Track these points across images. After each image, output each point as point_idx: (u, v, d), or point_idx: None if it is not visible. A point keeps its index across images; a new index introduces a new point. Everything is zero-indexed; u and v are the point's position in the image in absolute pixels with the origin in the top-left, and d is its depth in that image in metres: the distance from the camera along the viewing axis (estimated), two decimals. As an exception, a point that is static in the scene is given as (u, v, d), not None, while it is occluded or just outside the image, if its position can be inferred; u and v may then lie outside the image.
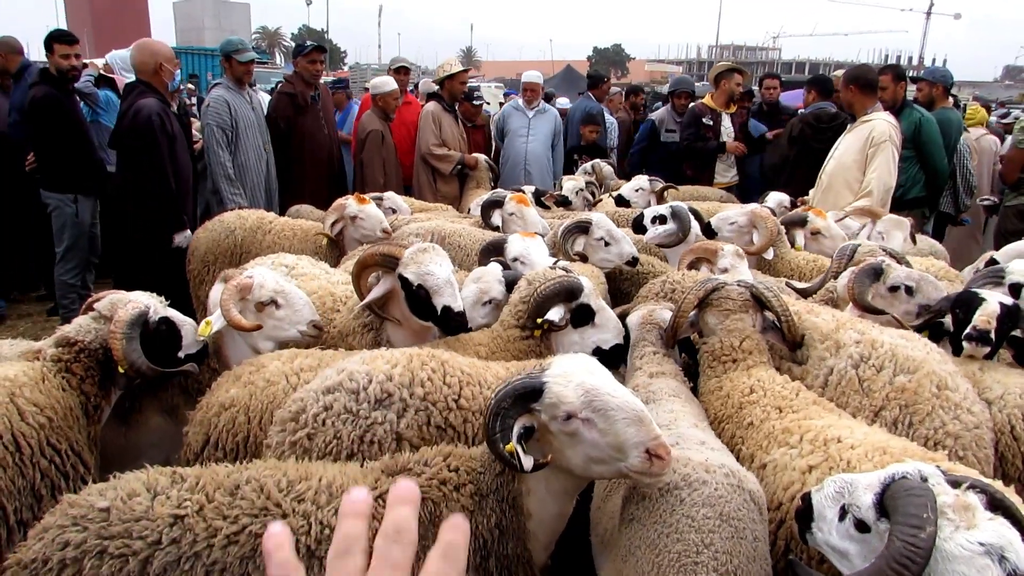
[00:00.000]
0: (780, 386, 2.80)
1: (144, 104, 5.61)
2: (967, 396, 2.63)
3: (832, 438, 2.38)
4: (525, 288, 3.32)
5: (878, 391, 2.71)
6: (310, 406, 2.47)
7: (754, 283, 3.11)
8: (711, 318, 3.10)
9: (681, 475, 2.07)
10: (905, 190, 6.82)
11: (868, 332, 2.94)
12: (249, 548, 1.86)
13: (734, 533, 1.95)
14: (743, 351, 2.98)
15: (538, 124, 8.84)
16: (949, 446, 2.49)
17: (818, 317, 3.12)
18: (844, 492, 1.89)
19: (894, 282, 3.51)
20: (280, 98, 7.62)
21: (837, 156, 6.28)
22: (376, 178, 7.87)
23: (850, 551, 1.87)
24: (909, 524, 1.61)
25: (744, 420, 2.71)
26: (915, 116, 6.69)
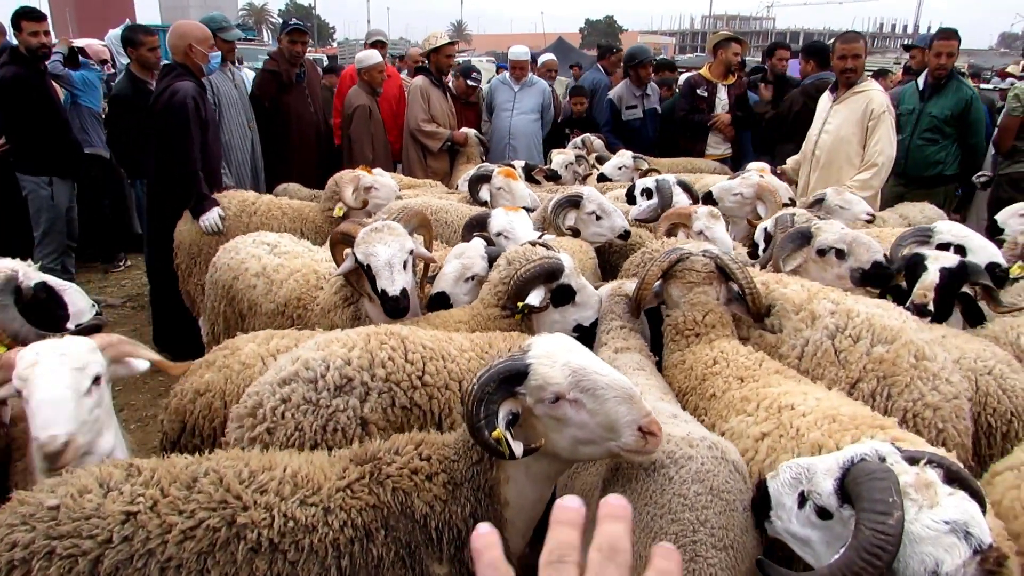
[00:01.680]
0: (743, 357, 2.78)
1: (180, 87, 5.37)
2: (945, 366, 2.60)
3: (786, 405, 2.39)
4: (505, 268, 3.26)
5: (855, 362, 2.66)
6: (267, 400, 2.38)
7: (719, 253, 3.04)
8: (675, 290, 3.04)
9: (665, 452, 2.03)
10: (944, 167, 6.78)
11: (843, 301, 2.88)
12: (207, 543, 1.78)
13: (726, 507, 1.95)
14: (706, 325, 2.95)
15: (524, 98, 8.67)
16: (928, 417, 2.46)
17: (787, 288, 3.05)
18: (801, 478, 1.87)
19: (822, 245, 3.43)
20: (264, 76, 7.47)
21: (832, 130, 6.12)
22: (365, 153, 7.75)
23: (812, 538, 1.85)
24: (876, 511, 1.58)
25: (707, 392, 2.71)
26: (966, 92, 6.61)
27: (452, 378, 2.60)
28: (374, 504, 1.95)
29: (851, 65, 5.98)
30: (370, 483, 1.99)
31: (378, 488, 1.98)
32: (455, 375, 2.61)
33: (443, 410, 2.55)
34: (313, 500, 1.91)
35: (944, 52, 6.60)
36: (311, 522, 1.88)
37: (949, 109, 6.63)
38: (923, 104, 6.83)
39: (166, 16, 37.04)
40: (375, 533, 1.92)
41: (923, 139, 6.81)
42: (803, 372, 2.75)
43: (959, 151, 6.79)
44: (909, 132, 6.89)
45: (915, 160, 6.89)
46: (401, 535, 1.95)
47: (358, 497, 1.95)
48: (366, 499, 1.96)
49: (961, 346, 2.90)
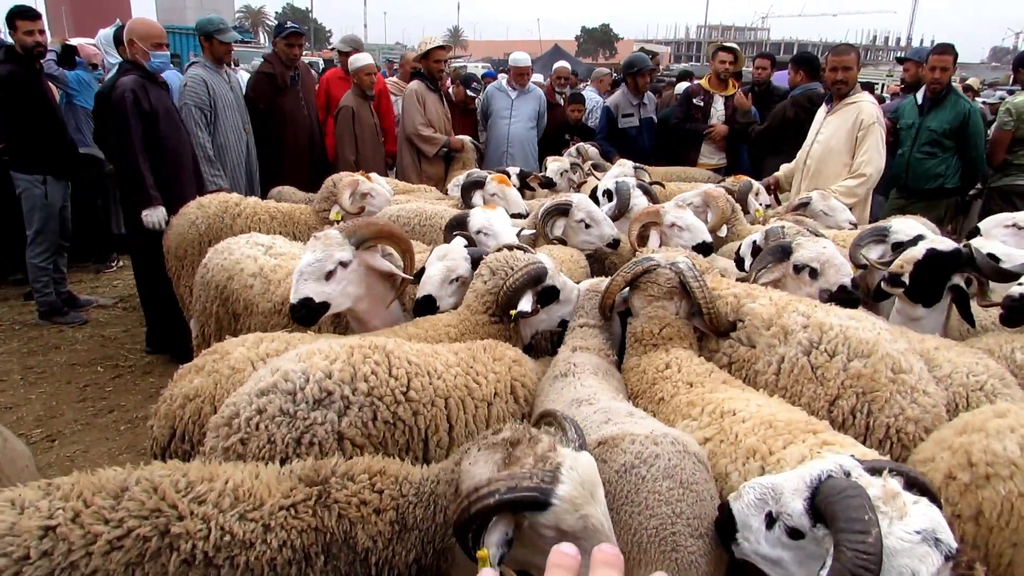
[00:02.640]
0: (696, 364, 2.84)
1: (120, 82, 5.50)
2: (921, 376, 2.61)
3: (728, 411, 2.44)
4: (490, 278, 3.30)
5: (832, 379, 2.65)
6: (243, 410, 2.33)
7: (683, 268, 3.05)
8: (637, 301, 3.12)
9: (634, 453, 2.07)
10: (945, 179, 6.85)
11: (814, 314, 2.87)
12: (136, 553, 1.69)
13: (696, 498, 2.02)
14: (662, 338, 3.02)
15: (521, 105, 8.71)
16: (911, 432, 2.47)
17: (755, 302, 3.05)
18: (767, 499, 1.87)
19: (797, 262, 3.47)
20: (259, 78, 7.47)
21: (823, 140, 6.21)
22: (347, 156, 7.81)
23: (784, 559, 1.84)
24: (854, 530, 1.58)
25: (656, 395, 2.77)
26: (964, 106, 6.70)
27: (438, 395, 2.57)
28: (316, 527, 1.88)
29: (842, 77, 6.06)
30: (315, 505, 1.91)
31: (323, 512, 1.91)
32: (441, 392, 2.58)
33: (429, 426, 2.52)
34: (253, 515, 1.84)
35: (939, 67, 6.68)
36: (249, 538, 1.80)
37: (948, 123, 6.72)
38: (922, 118, 6.91)
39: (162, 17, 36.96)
40: (315, 558, 1.85)
41: (922, 153, 6.89)
42: (781, 389, 2.75)
43: (959, 164, 6.86)
44: (909, 146, 6.97)
45: (915, 173, 6.97)
46: (341, 565, 1.89)
47: (300, 518, 1.88)
48: (308, 521, 1.88)
49: (953, 360, 2.90)
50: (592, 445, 2.17)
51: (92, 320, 7.40)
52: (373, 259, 3.43)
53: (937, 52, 6.79)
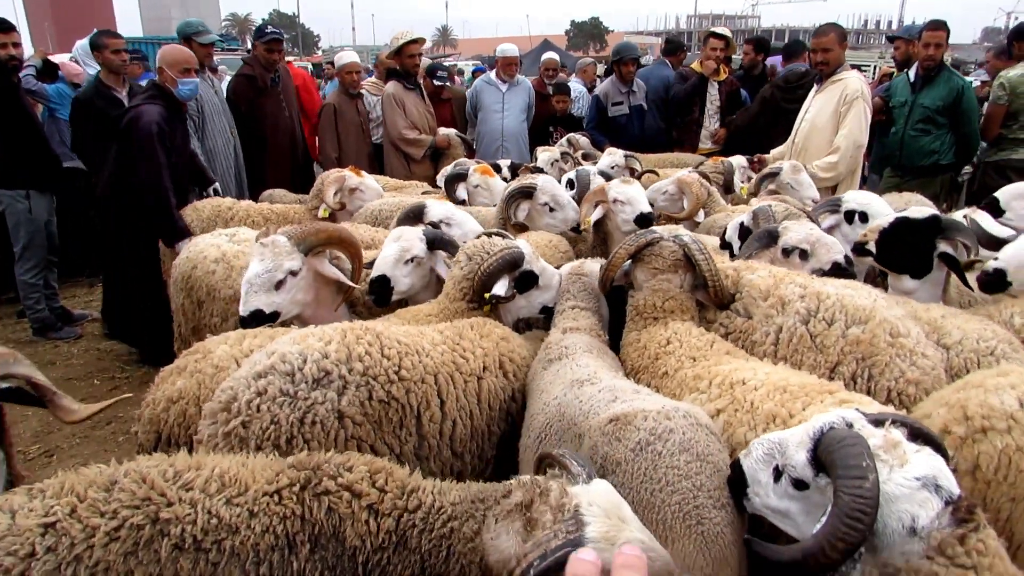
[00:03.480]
0: (696, 338, 2.84)
1: (145, 111, 5.38)
2: (919, 340, 2.61)
3: (737, 381, 2.44)
4: (467, 264, 3.28)
5: (832, 346, 2.65)
6: (241, 393, 2.31)
7: (688, 241, 3.06)
8: (640, 274, 3.10)
9: (647, 430, 2.06)
10: (940, 156, 6.84)
11: (810, 284, 2.89)
12: (131, 543, 1.69)
13: (714, 469, 2.01)
14: (664, 311, 3.01)
15: (512, 98, 8.69)
16: (912, 394, 2.46)
17: (754, 274, 3.06)
18: (774, 453, 1.90)
19: (786, 245, 3.44)
20: (239, 80, 7.47)
21: (810, 118, 6.28)
22: (329, 153, 7.87)
23: (791, 510, 1.88)
24: (851, 476, 1.61)
25: (659, 370, 2.76)
26: (957, 82, 6.68)
27: (428, 372, 2.60)
28: (302, 515, 1.85)
29: (822, 58, 6.17)
30: (301, 492, 1.89)
31: (313, 501, 1.88)
32: (430, 369, 2.61)
33: (421, 403, 2.54)
34: (239, 500, 1.83)
35: (932, 43, 6.66)
36: (235, 522, 1.80)
37: (941, 99, 6.70)
38: (915, 96, 6.90)
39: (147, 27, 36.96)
40: (299, 546, 1.83)
41: (916, 130, 6.88)
42: (780, 359, 2.75)
43: (953, 140, 6.84)
44: (903, 124, 6.97)
45: (910, 151, 6.96)
46: (329, 557, 1.85)
47: (284, 504, 1.86)
48: (292, 508, 1.86)
49: (962, 326, 2.89)
50: (603, 424, 2.16)
51: (87, 334, 7.37)
52: (322, 265, 3.40)
53: (930, 28, 6.77)
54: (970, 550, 1.55)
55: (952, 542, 1.55)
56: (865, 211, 4.10)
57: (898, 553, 1.59)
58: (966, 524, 1.56)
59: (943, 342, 2.84)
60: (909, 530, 1.58)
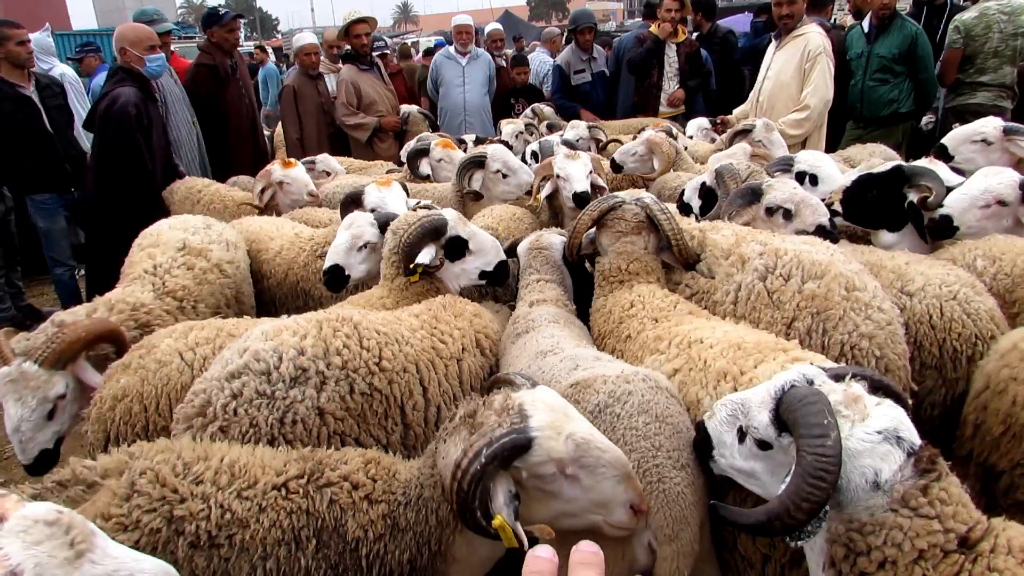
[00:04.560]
0: (659, 299, 2.86)
1: (119, 93, 5.29)
2: (876, 294, 2.61)
3: (695, 340, 2.46)
4: (392, 239, 3.25)
5: (788, 301, 2.66)
6: (215, 397, 2.23)
7: (650, 203, 3.06)
8: (605, 239, 3.11)
9: (607, 392, 2.09)
10: (899, 104, 6.87)
11: (770, 242, 2.89)
12: (150, 550, 1.67)
13: (673, 431, 2.04)
14: (630, 273, 3.03)
15: (472, 72, 8.59)
16: (865, 347, 2.47)
17: (718, 234, 3.07)
18: (737, 414, 1.91)
19: (770, 203, 3.41)
20: (199, 70, 7.23)
21: (772, 75, 6.25)
22: (290, 134, 7.84)
23: (756, 470, 1.89)
24: (813, 435, 1.61)
25: (623, 333, 2.79)
26: (910, 28, 6.69)
27: (409, 360, 2.55)
28: (307, 510, 1.85)
29: (787, 11, 6.11)
30: (307, 486, 1.89)
31: (316, 494, 1.88)
32: (411, 357, 2.56)
33: (404, 393, 2.49)
34: (248, 494, 1.83)
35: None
36: (246, 517, 1.80)
37: (896, 48, 6.73)
38: (870, 46, 6.92)
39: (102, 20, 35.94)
40: (305, 542, 1.83)
41: (875, 80, 6.91)
42: (740, 317, 2.76)
43: (912, 88, 6.87)
44: (861, 75, 6.98)
45: (869, 101, 6.99)
46: (332, 554, 1.86)
47: (291, 499, 1.85)
48: (299, 503, 1.86)
49: (925, 272, 2.92)
50: (564, 389, 2.17)
51: (57, 331, 7.21)
52: (84, 373, 2.94)
53: None
54: (933, 500, 1.57)
55: (915, 493, 1.57)
56: (815, 173, 4.12)
57: (863, 508, 1.61)
58: (928, 474, 1.58)
59: (907, 289, 2.87)
60: (873, 484, 1.60)
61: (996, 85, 6.86)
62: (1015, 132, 4.28)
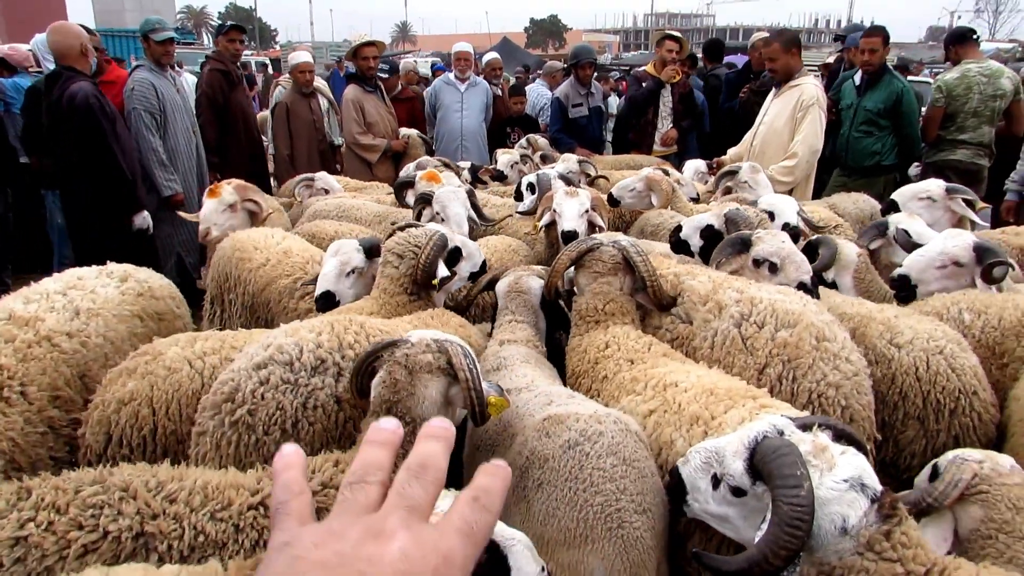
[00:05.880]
0: (633, 341, 2.95)
1: (79, 88, 5.42)
2: (844, 345, 2.72)
3: (670, 383, 2.56)
4: (400, 262, 3.41)
5: (761, 348, 2.76)
6: (244, 384, 2.45)
7: (626, 245, 3.17)
8: (582, 279, 3.22)
9: (578, 431, 2.15)
10: (882, 157, 7.07)
11: (746, 290, 3.00)
12: (111, 557, 1.73)
13: (639, 475, 2.10)
14: (606, 313, 3.11)
15: (471, 98, 8.74)
16: (832, 396, 2.58)
17: (695, 280, 3.18)
18: (711, 462, 2.00)
19: (757, 255, 3.48)
20: (213, 75, 7.41)
21: (768, 121, 6.44)
22: (281, 151, 8.04)
23: (730, 515, 1.98)
24: (788, 486, 1.71)
25: (599, 374, 2.88)
26: (897, 86, 6.89)
27: None
28: None
29: (769, 67, 6.47)
30: None
31: None
32: None
33: None
34: (223, 515, 1.89)
35: (868, 48, 6.91)
36: (221, 538, 1.85)
37: (882, 102, 6.94)
38: (859, 99, 7.15)
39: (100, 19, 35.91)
40: None
41: (860, 132, 7.12)
42: (715, 362, 2.85)
43: (895, 142, 7.08)
44: (848, 126, 7.21)
45: (854, 152, 7.20)
46: None
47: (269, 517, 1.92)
48: None
49: (914, 326, 3.04)
50: (537, 422, 2.26)
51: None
52: None
53: (866, 34, 7.04)
54: (895, 544, 1.69)
55: (879, 538, 1.69)
56: (771, 211, 4.32)
57: (832, 552, 1.72)
58: (890, 520, 1.70)
59: (896, 341, 2.99)
60: (841, 530, 1.72)
61: (975, 144, 7.09)
62: (956, 191, 4.56)
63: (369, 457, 0.70)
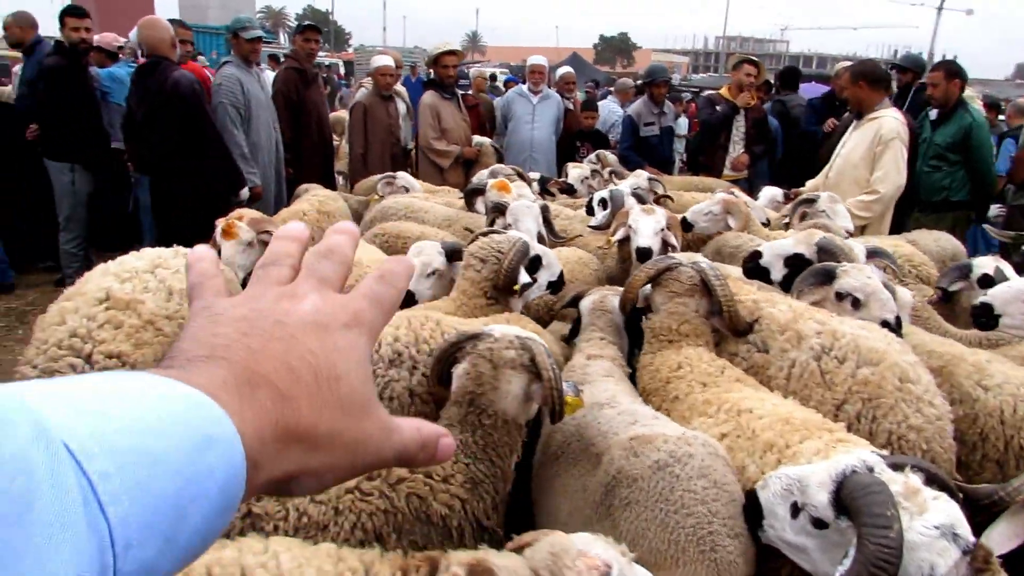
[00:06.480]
0: (707, 364, 2.92)
1: (181, 75, 5.82)
2: (928, 388, 2.65)
3: (744, 409, 2.51)
4: (482, 267, 3.49)
5: (840, 384, 2.70)
6: None
7: (705, 268, 3.13)
8: (659, 296, 3.18)
9: (667, 452, 2.12)
10: (950, 192, 6.90)
11: (828, 322, 2.93)
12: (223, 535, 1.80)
13: (730, 498, 2.06)
14: (679, 333, 3.08)
15: (542, 111, 8.80)
16: (913, 439, 2.51)
17: (775, 307, 3.12)
18: (792, 489, 1.95)
19: (841, 289, 3.36)
20: (288, 73, 7.67)
21: (844, 154, 6.28)
22: (355, 150, 8.22)
23: (808, 546, 1.93)
24: (877, 525, 1.66)
25: (670, 394, 2.85)
26: (967, 120, 6.72)
27: None
28: (385, 509, 1.98)
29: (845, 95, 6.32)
30: (381, 486, 2.01)
31: (391, 493, 2.00)
32: None
33: None
34: (321, 498, 1.94)
35: (930, 83, 6.82)
36: (323, 520, 1.91)
37: (951, 137, 6.78)
38: (932, 133, 6.99)
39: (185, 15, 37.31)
40: (387, 537, 1.95)
41: (929, 166, 6.96)
42: (790, 393, 2.79)
43: (967, 178, 6.89)
44: (920, 161, 7.03)
45: (924, 186, 7.02)
46: (418, 538, 1.99)
47: (367, 500, 1.98)
48: (376, 504, 1.98)
49: (1006, 372, 2.97)
50: (624, 440, 2.25)
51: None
52: None
53: (932, 69, 6.98)
54: (985, 600, 1.62)
55: (969, 591, 1.62)
56: None
57: None
58: (982, 574, 1.64)
59: (984, 383, 2.92)
60: None
61: (1065, 188, 6.87)
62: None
63: (280, 247, 0.72)
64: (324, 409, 0.60)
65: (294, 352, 0.60)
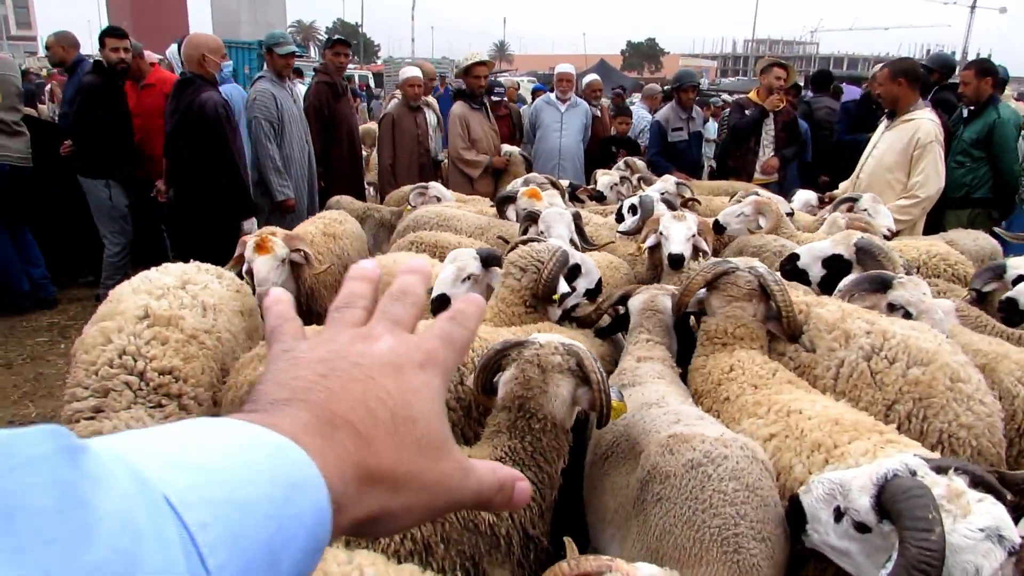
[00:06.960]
0: (759, 366, 2.93)
1: (208, 97, 5.87)
2: (979, 387, 2.65)
3: (794, 410, 2.53)
4: (522, 275, 3.53)
5: (891, 384, 2.71)
6: None
7: (763, 273, 3.13)
8: (715, 300, 3.18)
9: (702, 452, 2.14)
10: (971, 189, 6.82)
11: (878, 322, 2.93)
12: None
13: (761, 502, 2.06)
14: (735, 337, 3.09)
15: (570, 118, 8.84)
16: (963, 437, 2.52)
17: (823, 308, 3.12)
18: (835, 494, 1.95)
19: (894, 300, 3.32)
20: (320, 87, 7.79)
21: (877, 156, 6.15)
22: (384, 159, 8.33)
23: (851, 550, 1.94)
24: (919, 528, 1.66)
25: (721, 395, 2.88)
26: (991, 116, 6.65)
27: None
28: (433, 520, 1.99)
29: (877, 92, 6.23)
30: None
31: None
32: None
33: None
34: None
35: (961, 81, 6.77)
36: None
37: (976, 134, 6.72)
38: (962, 130, 6.92)
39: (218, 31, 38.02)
40: (434, 547, 1.97)
41: (955, 163, 6.86)
42: (839, 393, 2.80)
43: (990, 176, 6.79)
44: (950, 157, 6.92)
45: (949, 182, 6.87)
46: (465, 548, 2.01)
47: None
48: None
49: None
50: (662, 438, 2.28)
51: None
52: None
53: (964, 67, 6.94)
54: (1032, 602, 1.60)
55: (1015, 593, 1.60)
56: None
57: None
58: (1029, 573, 1.62)
59: None
60: None
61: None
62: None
63: (354, 288, 0.73)
64: (402, 450, 0.61)
65: (371, 393, 0.61)
